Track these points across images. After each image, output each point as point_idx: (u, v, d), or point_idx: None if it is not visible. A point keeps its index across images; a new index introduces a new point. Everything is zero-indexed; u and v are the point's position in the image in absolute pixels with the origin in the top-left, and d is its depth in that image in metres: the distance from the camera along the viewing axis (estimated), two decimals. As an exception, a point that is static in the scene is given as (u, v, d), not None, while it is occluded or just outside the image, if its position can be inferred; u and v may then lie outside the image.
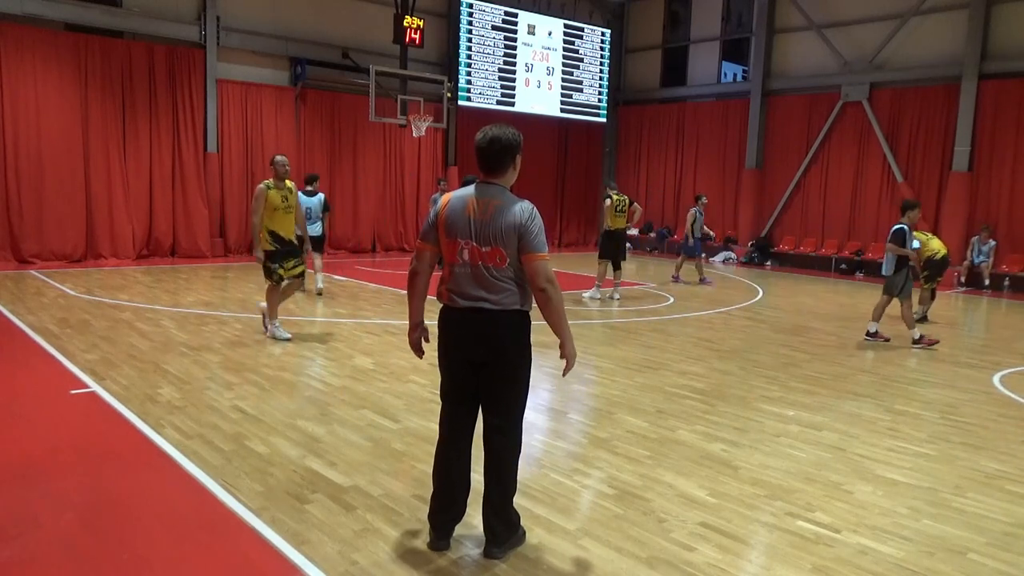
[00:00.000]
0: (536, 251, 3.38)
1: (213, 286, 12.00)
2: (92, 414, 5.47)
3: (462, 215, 3.41)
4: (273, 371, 6.78)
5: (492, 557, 3.50)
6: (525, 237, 3.36)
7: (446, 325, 3.54)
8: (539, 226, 3.42)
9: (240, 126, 16.19)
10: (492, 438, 3.53)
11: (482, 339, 3.43)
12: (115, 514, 3.85)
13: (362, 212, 18.10)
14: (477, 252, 3.39)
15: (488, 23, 18.88)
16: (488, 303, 3.39)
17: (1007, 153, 15.53)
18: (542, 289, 3.37)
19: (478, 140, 3.46)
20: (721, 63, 21.29)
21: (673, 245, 21.45)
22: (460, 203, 3.44)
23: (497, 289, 3.39)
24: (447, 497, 3.57)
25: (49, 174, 13.76)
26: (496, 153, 3.43)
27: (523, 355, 3.52)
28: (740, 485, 4.53)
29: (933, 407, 6.53)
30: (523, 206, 3.42)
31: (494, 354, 3.44)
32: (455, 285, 3.45)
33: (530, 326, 3.52)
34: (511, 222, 3.36)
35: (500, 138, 3.43)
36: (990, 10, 15.73)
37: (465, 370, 3.50)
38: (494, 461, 3.53)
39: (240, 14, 15.96)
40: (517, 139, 3.48)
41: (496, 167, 3.46)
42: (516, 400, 3.55)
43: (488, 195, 3.43)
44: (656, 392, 6.61)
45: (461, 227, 3.41)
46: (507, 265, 3.39)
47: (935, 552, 3.77)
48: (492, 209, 3.38)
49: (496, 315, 3.40)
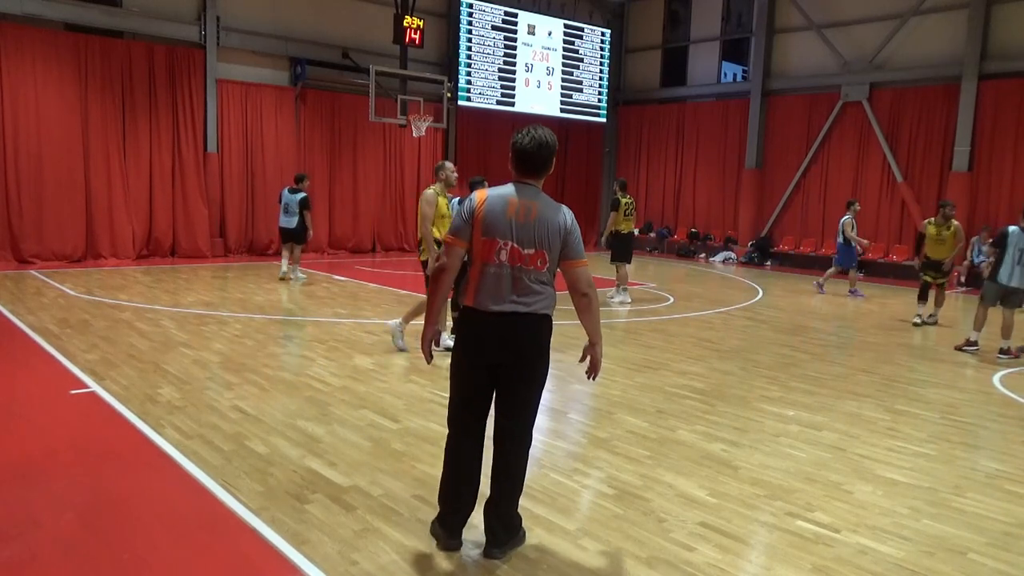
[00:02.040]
0: (579, 257, 3.41)
1: (213, 286, 12.00)
2: (92, 414, 5.47)
3: (503, 215, 3.36)
4: (273, 371, 6.78)
5: (492, 558, 3.50)
6: (569, 242, 3.39)
7: (469, 329, 3.47)
8: (579, 231, 3.46)
9: (240, 126, 16.18)
10: (505, 441, 3.50)
11: (507, 343, 3.39)
12: (115, 514, 3.85)
13: (362, 212, 18.09)
14: (518, 254, 3.35)
15: (488, 23, 18.88)
16: (520, 307, 3.36)
17: (1007, 153, 15.53)
18: (584, 294, 3.40)
19: (524, 143, 3.41)
20: (721, 63, 21.29)
21: (673, 245, 21.51)
22: (501, 202, 3.38)
23: (531, 292, 3.36)
24: (460, 498, 3.54)
25: (49, 174, 13.75)
26: (546, 158, 3.44)
27: (545, 360, 3.51)
28: (740, 485, 4.53)
29: (933, 407, 6.53)
30: (565, 210, 3.44)
31: (516, 358, 3.41)
32: (486, 287, 3.38)
33: (552, 330, 3.51)
34: (556, 226, 3.36)
35: (548, 143, 3.43)
36: (990, 10, 15.73)
37: (483, 373, 3.46)
38: (505, 464, 3.50)
39: (240, 14, 15.96)
40: (557, 142, 3.51)
41: (541, 170, 3.46)
42: (533, 404, 3.53)
43: (529, 197, 3.41)
44: (656, 392, 6.61)
45: (502, 227, 3.36)
46: (546, 269, 3.38)
47: (935, 552, 3.77)
48: (536, 212, 3.36)
49: (525, 319, 3.37)
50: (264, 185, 16.38)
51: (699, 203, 21.25)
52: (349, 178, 17.86)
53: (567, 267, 3.41)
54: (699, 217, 21.26)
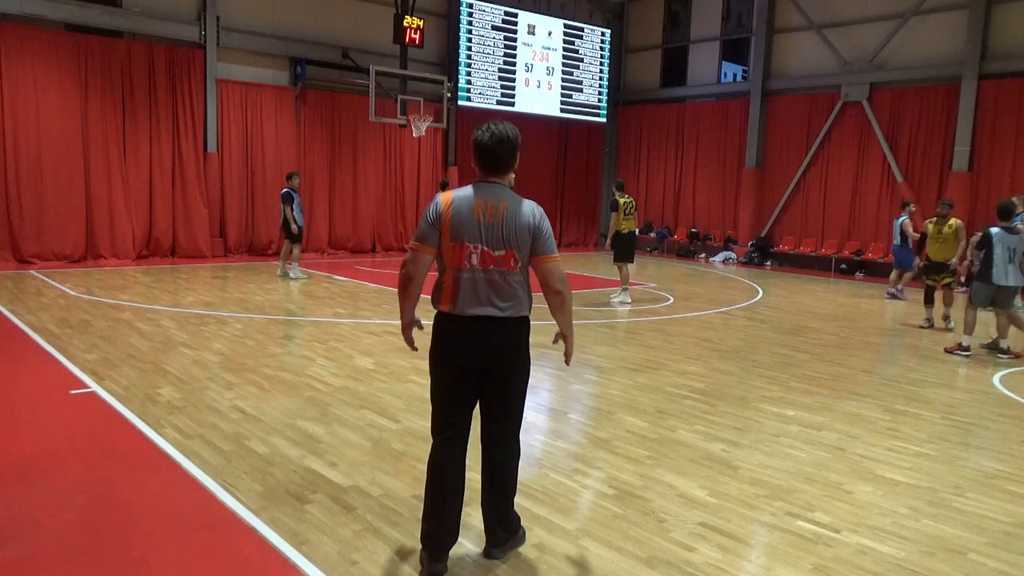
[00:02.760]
0: (550, 252, 3.32)
1: (213, 286, 12.00)
2: (92, 414, 5.47)
3: (470, 217, 3.24)
4: (273, 371, 6.78)
5: (492, 558, 3.49)
6: (539, 238, 3.29)
7: (445, 334, 3.36)
8: (550, 226, 3.37)
9: (240, 126, 16.18)
10: (495, 446, 3.44)
11: (485, 348, 3.30)
12: (115, 514, 3.85)
13: (362, 212, 18.09)
14: (489, 256, 3.25)
15: (488, 23, 18.89)
16: (496, 310, 3.27)
17: (1007, 153, 15.53)
18: (557, 291, 3.33)
19: (484, 139, 3.30)
20: (721, 63, 21.28)
21: (673, 245, 21.51)
22: (467, 204, 3.26)
23: (507, 295, 3.28)
24: (443, 515, 3.35)
25: (49, 174, 13.76)
26: (507, 153, 3.32)
27: (525, 362, 3.45)
28: (740, 485, 4.53)
29: (933, 407, 6.53)
30: (533, 206, 3.34)
31: (497, 363, 3.34)
32: (461, 293, 3.27)
33: (530, 331, 3.47)
34: (525, 223, 3.27)
35: (509, 137, 3.32)
36: (990, 10, 15.73)
37: (462, 378, 3.35)
38: (498, 469, 3.46)
39: (240, 14, 15.96)
40: (519, 136, 3.39)
41: (503, 167, 3.35)
42: (519, 407, 3.49)
43: (495, 195, 3.29)
44: (656, 392, 6.61)
45: (470, 230, 3.24)
46: (519, 268, 3.30)
47: (935, 552, 3.77)
48: (503, 210, 3.26)
49: (502, 323, 3.29)
50: (264, 185, 16.38)
51: (699, 203, 21.24)
52: (349, 178, 17.86)
53: (538, 263, 3.31)
54: (699, 217, 21.26)
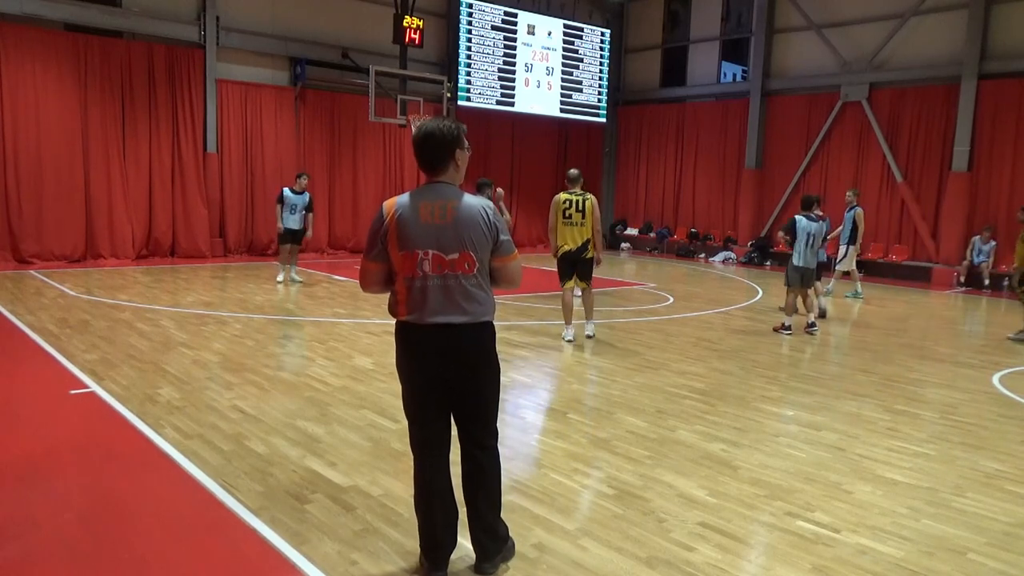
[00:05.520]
0: (508, 253, 3.24)
1: (213, 286, 11.99)
2: (92, 414, 5.47)
3: (417, 222, 3.08)
4: (273, 371, 6.78)
5: (484, 573, 3.37)
6: (498, 240, 3.18)
7: (408, 344, 3.22)
8: (504, 223, 3.27)
9: (240, 126, 16.18)
10: (475, 455, 3.33)
11: (451, 356, 3.17)
12: (115, 514, 3.85)
13: (362, 212, 18.07)
14: (442, 261, 3.10)
15: (488, 23, 18.88)
16: (456, 317, 3.13)
17: (1006, 153, 15.53)
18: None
19: (413, 135, 3.19)
20: (721, 63, 21.29)
21: (673, 245, 21.50)
22: (411, 209, 3.11)
23: (466, 300, 3.14)
24: (437, 531, 3.29)
25: (49, 174, 13.75)
26: (432, 149, 3.15)
27: (493, 366, 3.33)
28: (740, 485, 4.53)
29: (933, 407, 6.53)
30: (484, 203, 3.17)
31: (464, 369, 3.21)
32: (417, 302, 3.12)
33: (495, 335, 3.38)
34: (477, 223, 3.12)
35: (434, 133, 3.14)
36: (990, 10, 15.73)
37: (432, 388, 3.23)
38: (480, 478, 3.33)
39: (240, 14, 15.96)
40: (454, 133, 3.18)
41: (436, 164, 3.18)
42: (492, 414, 3.36)
43: (442, 196, 3.13)
44: (656, 392, 6.61)
45: (418, 236, 3.08)
46: (476, 271, 3.15)
47: (935, 552, 3.77)
48: (451, 210, 3.10)
49: (465, 330, 3.16)
50: (264, 185, 16.37)
51: (699, 203, 21.24)
52: (349, 178, 17.86)
53: (499, 264, 3.23)
54: (699, 217, 21.26)
